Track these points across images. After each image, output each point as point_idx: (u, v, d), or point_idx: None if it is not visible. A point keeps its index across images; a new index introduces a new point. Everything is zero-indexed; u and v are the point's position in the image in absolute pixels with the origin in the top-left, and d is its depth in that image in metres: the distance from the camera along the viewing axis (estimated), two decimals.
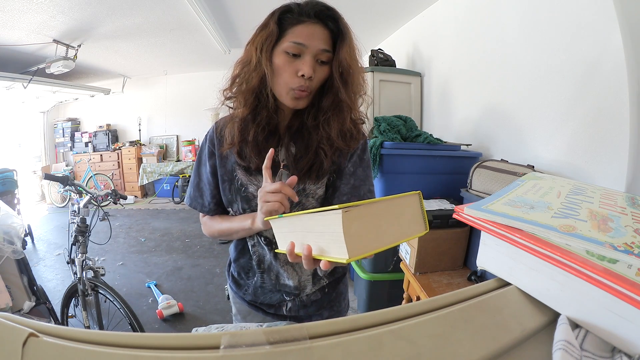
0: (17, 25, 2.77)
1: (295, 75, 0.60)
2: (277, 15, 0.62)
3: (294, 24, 0.60)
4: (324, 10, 0.61)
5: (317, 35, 0.60)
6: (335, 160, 0.70)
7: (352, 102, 0.66)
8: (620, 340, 0.30)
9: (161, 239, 3.67)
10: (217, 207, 0.76)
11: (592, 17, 1.09)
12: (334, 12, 0.63)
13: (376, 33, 3.15)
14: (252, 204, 0.70)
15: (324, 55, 0.62)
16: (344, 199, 0.71)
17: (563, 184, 0.57)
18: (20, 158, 5.31)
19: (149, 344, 0.28)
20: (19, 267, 1.47)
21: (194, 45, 3.84)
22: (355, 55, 0.64)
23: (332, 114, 0.65)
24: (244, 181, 0.70)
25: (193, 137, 5.87)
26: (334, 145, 0.67)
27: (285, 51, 0.61)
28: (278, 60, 0.61)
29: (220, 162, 0.72)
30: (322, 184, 0.71)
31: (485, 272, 0.97)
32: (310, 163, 0.67)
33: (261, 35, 0.62)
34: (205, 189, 0.76)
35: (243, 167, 0.70)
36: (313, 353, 0.28)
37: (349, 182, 0.72)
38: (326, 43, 0.61)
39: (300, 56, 0.60)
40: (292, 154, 0.69)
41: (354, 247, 0.37)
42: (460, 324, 0.32)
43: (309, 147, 0.67)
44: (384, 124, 1.74)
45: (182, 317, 2.16)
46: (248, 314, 0.84)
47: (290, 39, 0.60)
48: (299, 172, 0.67)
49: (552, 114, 1.29)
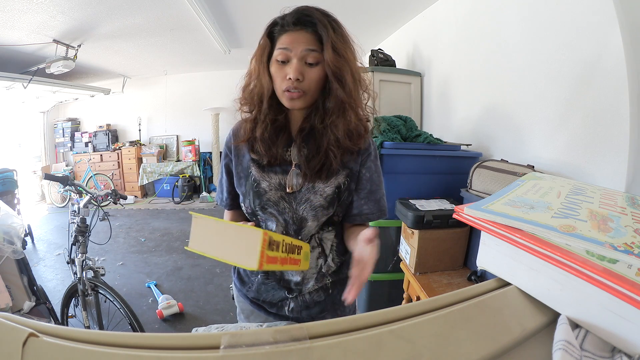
0: (17, 25, 2.77)
1: (285, 79, 0.66)
2: (267, 30, 0.70)
3: (280, 34, 0.68)
4: (302, 17, 0.66)
5: (299, 39, 0.66)
6: (345, 161, 0.75)
7: (353, 99, 0.69)
8: (620, 340, 0.30)
9: (161, 239, 3.67)
10: (232, 202, 0.84)
11: (592, 17, 1.09)
12: (312, 16, 0.66)
13: (376, 33, 3.15)
14: (263, 199, 0.74)
15: (310, 57, 0.66)
16: (362, 202, 0.78)
17: (563, 184, 0.57)
18: (20, 158, 5.30)
19: (149, 344, 0.28)
20: (19, 267, 1.47)
21: (194, 45, 3.84)
22: (345, 53, 0.66)
23: (337, 116, 0.69)
24: (257, 177, 0.74)
25: (193, 137, 5.86)
26: (342, 146, 0.71)
27: (276, 59, 0.67)
28: (273, 69, 0.69)
29: (237, 161, 0.78)
30: (331, 184, 0.74)
31: (485, 272, 0.97)
32: (321, 163, 0.72)
33: (258, 49, 0.71)
34: (224, 186, 0.84)
35: (257, 164, 0.75)
36: (313, 353, 0.28)
37: (366, 187, 0.78)
38: (310, 44, 0.66)
39: (289, 62, 0.66)
40: (304, 154, 0.73)
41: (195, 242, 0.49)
42: (460, 324, 0.32)
43: (320, 148, 0.72)
44: (384, 124, 1.74)
45: (182, 317, 2.16)
46: (251, 313, 0.85)
47: (278, 47, 0.67)
48: (310, 171, 0.72)
49: (552, 114, 1.29)
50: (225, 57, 4.09)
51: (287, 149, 0.74)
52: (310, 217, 0.74)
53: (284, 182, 0.73)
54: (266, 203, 0.73)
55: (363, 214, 0.78)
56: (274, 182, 0.73)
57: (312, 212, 0.73)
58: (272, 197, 0.73)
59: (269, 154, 0.72)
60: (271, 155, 0.72)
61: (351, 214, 0.79)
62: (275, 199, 0.73)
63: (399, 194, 1.61)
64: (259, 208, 0.74)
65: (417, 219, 1.33)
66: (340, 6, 2.50)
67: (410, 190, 1.63)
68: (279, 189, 0.73)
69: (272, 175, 0.74)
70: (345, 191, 0.76)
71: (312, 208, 0.73)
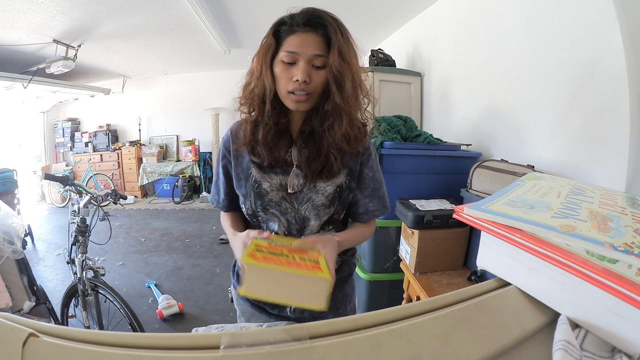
0: (17, 25, 2.77)
1: (291, 80, 0.66)
2: (273, 28, 0.68)
3: (288, 34, 0.66)
4: (313, 18, 0.65)
5: (308, 42, 0.65)
6: (345, 162, 0.75)
7: (350, 105, 0.69)
8: (620, 340, 0.30)
9: (161, 239, 3.67)
10: (230, 203, 0.83)
11: (592, 17, 1.09)
12: (323, 19, 0.66)
13: (376, 33, 3.15)
14: (264, 200, 0.73)
15: (318, 61, 0.66)
16: (367, 200, 0.80)
17: (563, 184, 0.57)
18: (20, 158, 5.30)
19: (149, 344, 0.28)
20: (19, 267, 1.47)
21: (194, 46, 3.83)
22: (349, 58, 0.66)
23: (334, 119, 0.69)
24: (258, 178, 0.74)
25: (193, 137, 5.86)
26: (340, 149, 0.71)
27: (282, 60, 0.66)
28: (277, 69, 0.67)
29: (236, 162, 0.77)
30: (333, 183, 0.75)
31: (485, 272, 0.97)
32: (322, 165, 0.72)
33: (262, 48, 0.69)
34: (221, 187, 0.83)
35: (257, 165, 0.74)
36: (313, 353, 0.28)
37: (370, 186, 0.80)
38: (319, 48, 0.65)
39: (296, 64, 0.66)
40: (305, 155, 0.73)
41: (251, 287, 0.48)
42: (460, 324, 0.32)
43: (321, 150, 0.72)
44: (384, 124, 1.74)
45: (182, 317, 2.16)
46: (252, 315, 0.85)
47: (285, 48, 0.66)
48: (311, 172, 0.72)
49: (552, 114, 1.29)
50: (225, 57, 4.09)
51: (287, 149, 0.74)
52: (312, 216, 0.74)
53: (285, 182, 0.73)
54: (268, 204, 0.73)
55: (369, 211, 0.81)
56: (275, 183, 0.73)
57: (314, 211, 0.74)
58: (273, 197, 0.73)
59: (271, 157, 0.72)
60: (273, 158, 0.72)
61: (358, 212, 0.81)
62: (277, 199, 0.73)
63: (399, 194, 1.61)
64: (260, 209, 0.74)
65: (417, 219, 1.33)
66: (340, 6, 2.50)
67: (410, 190, 1.63)
68: (280, 189, 0.73)
69: (273, 176, 0.74)
70: (346, 190, 0.76)
71: (314, 207, 0.74)
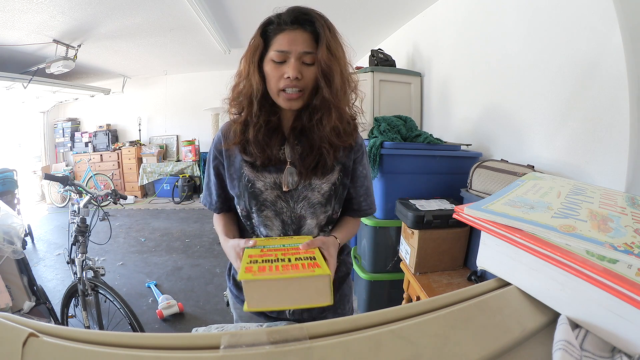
0: (17, 25, 2.77)
1: (282, 78, 0.66)
2: (261, 28, 0.69)
3: (276, 33, 0.66)
4: (300, 15, 0.66)
5: (297, 40, 0.65)
6: (339, 159, 0.75)
7: (339, 99, 0.69)
8: (620, 340, 0.30)
9: (161, 239, 3.66)
10: (222, 205, 0.83)
11: (592, 17, 1.09)
12: (310, 15, 0.66)
13: (376, 33, 3.15)
14: (259, 199, 0.73)
15: (307, 57, 0.66)
16: (361, 199, 0.82)
17: (563, 184, 0.57)
18: (20, 158, 5.30)
19: (149, 344, 0.28)
20: (19, 267, 1.47)
21: (194, 45, 3.83)
22: (337, 53, 0.67)
23: (323, 114, 0.69)
24: (251, 177, 0.73)
25: (193, 137, 5.86)
26: (331, 143, 0.72)
27: (271, 59, 0.66)
28: (267, 68, 0.67)
29: (228, 162, 0.76)
30: (328, 180, 0.74)
31: (485, 272, 0.97)
32: (315, 161, 0.72)
33: (250, 49, 0.69)
34: (213, 189, 0.82)
35: (250, 164, 0.73)
36: (313, 353, 0.28)
37: (364, 185, 0.81)
38: (308, 45, 0.65)
39: (286, 62, 0.66)
40: (298, 152, 0.73)
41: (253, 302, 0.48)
42: (460, 324, 0.32)
43: (313, 146, 0.72)
44: (384, 124, 1.74)
45: (182, 317, 2.16)
46: (250, 319, 0.83)
47: (275, 48, 0.66)
48: (305, 168, 0.72)
49: (552, 114, 1.29)
50: (225, 57, 4.09)
51: (280, 147, 0.73)
52: (308, 214, 0.73)
53: (279, 180, 0.72)
54: (263, 203, 0.72)
55: (362, 210, 0.83)
56: (269, 182, 0.72)
57: (310, 209, 0.73)
58: (268, 196, 0.72)
59: (264, 155, 0.71)
60: (266, 157, 0.71)
61: (352, 208, 0.82)
62: (272, 198, 0.72)
63: (399, 194, 1.62)
64: (255, 209, 0.73)
65: (417, 219, 1.33)
66: (340, 6, 2.50)
67: (410, 190, 1.63)
68: (274, 188, 0.72)
69: (267, 174, 0.73)
70: (340, 186, 0.76)
71: (310, 205, 0.73)
